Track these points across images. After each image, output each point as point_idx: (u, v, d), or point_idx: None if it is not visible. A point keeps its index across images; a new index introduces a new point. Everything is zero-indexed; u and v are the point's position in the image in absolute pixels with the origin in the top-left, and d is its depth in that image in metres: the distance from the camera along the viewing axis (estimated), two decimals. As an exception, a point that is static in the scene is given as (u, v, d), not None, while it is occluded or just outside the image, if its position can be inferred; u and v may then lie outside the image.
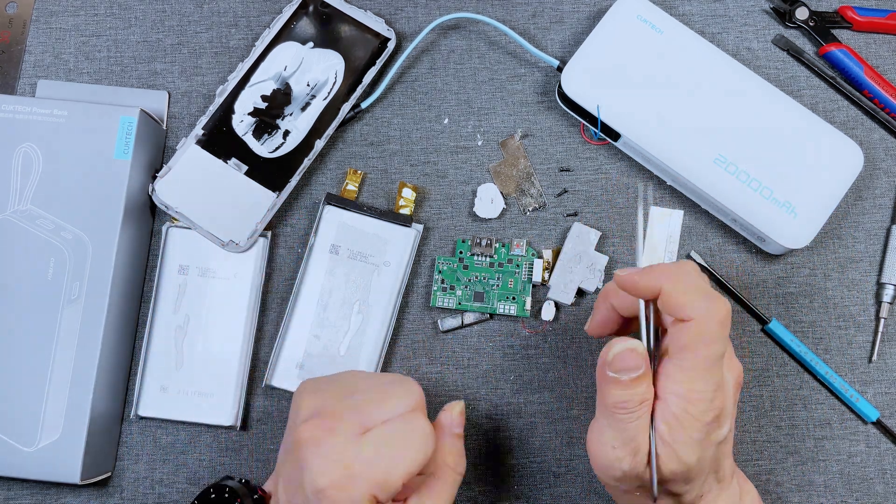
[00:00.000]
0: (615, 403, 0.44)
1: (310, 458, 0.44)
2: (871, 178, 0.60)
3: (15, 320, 0.54)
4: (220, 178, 0.58)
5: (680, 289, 0.43)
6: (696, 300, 0.43)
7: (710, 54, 0.58)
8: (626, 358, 0.43)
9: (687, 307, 0.43)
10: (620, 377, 0.43)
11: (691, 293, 0.43)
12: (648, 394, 0.43)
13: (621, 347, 0.44)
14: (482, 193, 0.59)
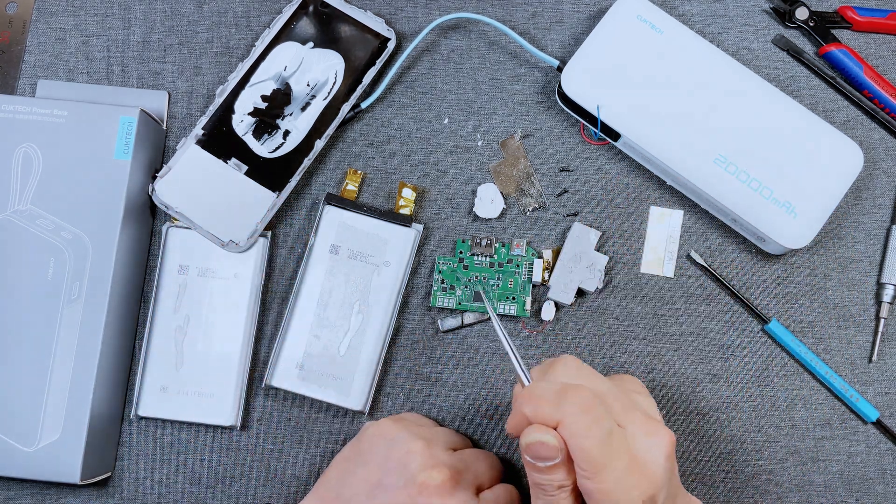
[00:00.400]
0: (534, 483, 0.44)
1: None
2: (871, 178, 0.60)
3: (15, 320, 0.54)
4: (220, 178, 0.58)
5: (535, 404, 0.42)
6: (551, 406, 0.41)
7: (710, 54, 0.58)
8: (537, 449, 0.42)
9: (547, 415, 0.41)
10: (536, 463, 0.43)
11: (545, 401, 0.42)
12: (567, 481, 0.42)
13: (533, 438, 0.42)
14: (482, 193, 0.59)
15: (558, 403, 0.41)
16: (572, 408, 0.41)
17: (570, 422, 0.41)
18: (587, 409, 0.41)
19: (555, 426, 0.42)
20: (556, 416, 0.41)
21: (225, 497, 0.57)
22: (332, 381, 0.56)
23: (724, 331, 0.59)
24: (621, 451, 0.41)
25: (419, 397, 0.58)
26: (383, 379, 0.58)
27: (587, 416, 0.41)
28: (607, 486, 0.41)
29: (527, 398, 0.42)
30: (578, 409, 0.41)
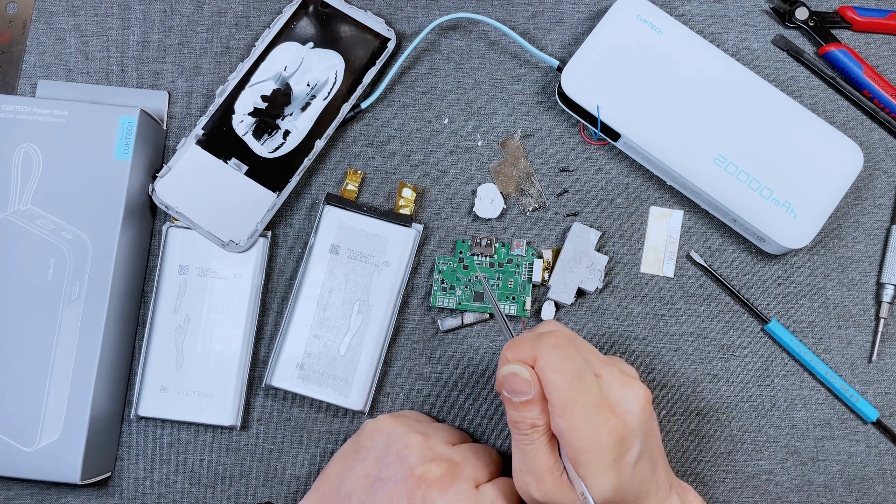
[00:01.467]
0: (511, 421, 0.46)
1: (437, 499, 0.47)
2: (871, 178, 0.60)
3: (15, 320, 0.54)
4: (220, 178, 0.58)
5: (553, 384, 0.44)
6: (557, 393, 0.43)
7: (710, 54, 0.58)
8: (511, 381, 0.45)
9: (551, 400, 0.44)
10: (512, 398, 0.45)
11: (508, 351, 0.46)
12: (540, 420, 0.44)
13: (507, 370, 0.45)
14: (482, 193, 0.59)
15: (535, 343, 0.45)
16: (546, 345, 0.44)
17: (542, 357, 0.44)
18: (559, 346, 0.44)
19: (532, 364, 0.45)
20: (532, 353, 0.44)
21: (225, 497, 0.57)
22: (332, 381, 0.56)
23: (724, 331, 0.59)
24: (592, 390, 0.43)
25: (419, 397, 0.58)
26: (383, 379, 0.58)
27: (559, 352, 0.44)
28: (576, 422, 0.42)
29: (508, 344, 0.46)
30: (552, 346, 0.44)
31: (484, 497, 0.48)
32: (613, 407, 0.44)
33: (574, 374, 0.43)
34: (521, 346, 0.45)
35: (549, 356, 0.44)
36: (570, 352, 0.44)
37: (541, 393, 0.44)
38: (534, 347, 0.45)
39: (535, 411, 0.44)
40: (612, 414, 0.43)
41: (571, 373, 0.43)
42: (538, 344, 0.45)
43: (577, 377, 0.43)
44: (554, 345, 0.44)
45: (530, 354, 0.45)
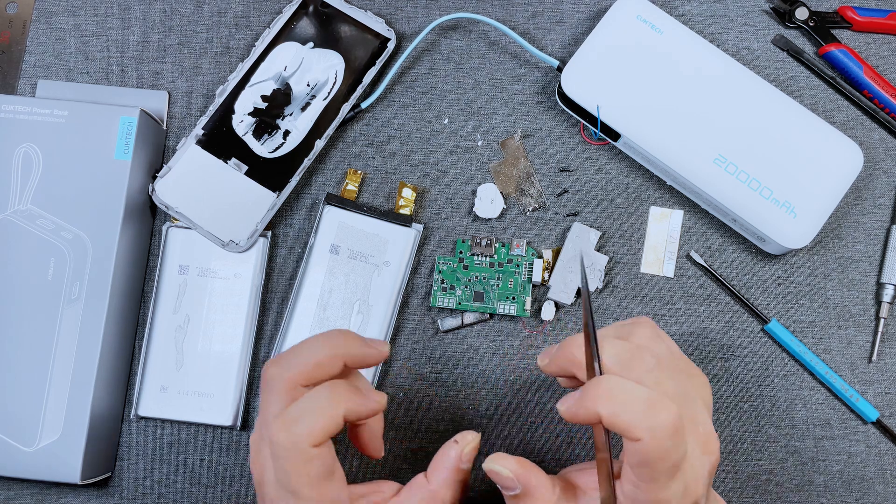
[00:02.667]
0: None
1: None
2: (871, 178, 0.60)
3: (15, 320, 0.54)
4: (220, 178, 0.58)
5: (617, 411, 0.39)
6: (636, 419, 0.38)
7: (710, 54, 0.58)
8: (494, 477, 0.43)
9: (630, 430, 0.38)
10: (503, 491, 0.44)
11: (631, 412, 0.39)
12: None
13: (488, 466, 0.43)
14: (482, 193, 0.59)
15: (643, 419, 0.38)
16: (660, 431, 0.38)
17: (651, 443, 0.39)
18: (672, 435, 0.39)
19: (598, 422, 0.39)
20: (637, 434, 0.38)
21: (225, 497, 0.57)
22: (332, 381, 0.56)
23: (724, 331, 0.59)
24: (682, 479, 0.40)
25: (419, 397, 0.58)
26: (383, 379, 0.58)
27: (669, 442, 0.39)
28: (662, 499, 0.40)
29: (606, 396, 0.39)
30: (665, 433, 0.38)
31: None
32: (692, 483, 0.41)
33: (676, 465, 0.40)
34: (625, 415, 0.39)
35: (621, 395, 0.39)
36: (680, 440, 0.39)
37: (531, 488, 0.42)
38: (641, 428, 0.38)
39: (528, 502, 0.43)
40: (687, 493, 0.41)
41: (675, 463, 0.39)
42: (648, 425, 0.38)
43: (676, 470, 0.40)
44: (668, 433, 0.39)
45: (635, 434, 0.39)
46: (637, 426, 0.38)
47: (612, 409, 0.39)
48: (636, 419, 0.38)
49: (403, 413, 0.58)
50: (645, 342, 0.43)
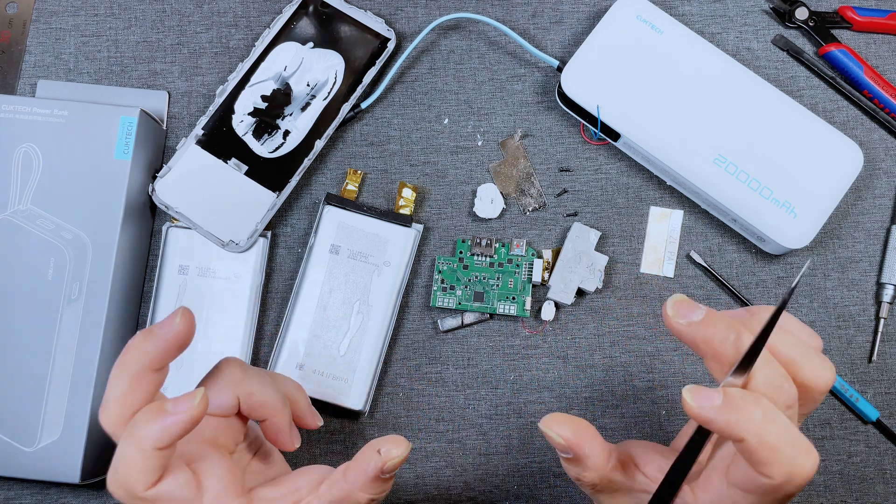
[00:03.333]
0: (564, 468, 0.44)
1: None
2: (871, 178, 0.60)
3: (15, 320, 0.54)
4: (220, 178, 0.58)
5: (767, 444, 0.35)
6: (781, 461, 0.35)
7: (709, 54, 0.58)
8: (549, 440, 0.42)
9: (769, 467, 0.36)
10: (559, 452, 0.42)
11: (778, 451, 0.35)
12: (586, 477, 0.42)
13: (543, 429, 0.42)
14: (482, 193, 0.59)
15: (787, 464, 0.36)
16: (798, 479, 0.36)
17: (781, 485, 0.36)
18: (804, 483, 0.37)
19: (735, 440, 0.36)
20: (774, 474, 0.36)
21: (225, 497, 0.57)
22: (332, 381, 0.56)
23: (724, 331, 0.59)
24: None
25: (419, 397, 0.58)
26: (383, 379, 0.58)
27: (797, 490, 0.37)
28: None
29: (760, 425, 0.35)
30: (800, 482, 0.36)
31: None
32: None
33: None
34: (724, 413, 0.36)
35: (775, 428, 0.36)
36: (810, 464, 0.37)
37: (582, 455, 0.41)
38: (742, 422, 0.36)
39: (578, 469, 0.42)
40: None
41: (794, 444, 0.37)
42: (748, 415, 0.36)
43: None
44: (775, 415, 0.36)
45: (736, 431, 0.36)
46: (779, 468, 0.36)
47: (762, 440, 0.35)
48: (781, 460, 0.36)
49: (403, 413, 0.58)
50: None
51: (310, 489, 0.43)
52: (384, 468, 0.41)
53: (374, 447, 0.42)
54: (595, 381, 0.58)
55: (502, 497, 0.57)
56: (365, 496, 0.42)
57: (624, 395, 0.58)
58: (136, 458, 0.39)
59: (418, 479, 0.57)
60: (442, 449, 0.58)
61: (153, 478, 0.40)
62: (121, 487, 0.40)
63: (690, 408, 0.37)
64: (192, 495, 0.41)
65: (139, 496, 0.40)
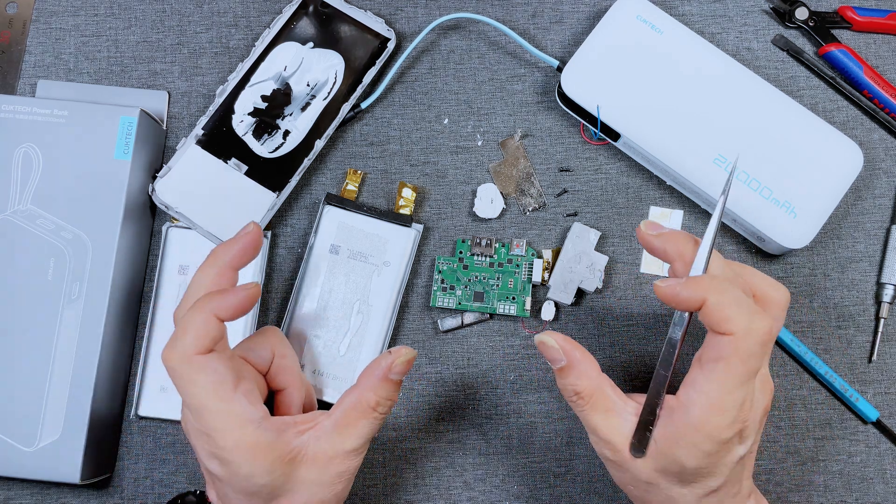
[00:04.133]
0: (560, 389, 0.47)
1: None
2: (871, 178, 0.60)
3: (15, 320, 0.54)
4: (220, 178, 0.58)
5: (724, 302, 0.42)
6: (739, 315, 0.42)
7: (709, 54, 0.58)
8: (542, 350, 0.47)
9: (729, 322, 0.42)
10: (551, 365, 0.47)
11: (735, 307, 0.42)
12: (580, 386, 0.45)
13: (536, 340, 0.47)
14: (482, 193, 0.59)
15: (744, 318, 0.42)
16: (755, 335, 0.42)
17: (742, 340, 0.42)
18: (762, 343, 0.42)
19: (699, 307, 0.43)
20: (733, 328, 0.42)
21: (225, 497, 0.57)
22: (332, 381, 0.56)
23: (724, 331, 0.59)
24: (746, 391, 0.43)
25: (419, 397, 0.58)
26: (383, 379, 0.58)
27: (757, 347, 0.42)
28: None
29: (717, 288, 0.43)
30: (758, 337, 0.42)
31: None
32: (748, 401, 0.44)
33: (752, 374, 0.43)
34: (686, 286, 0.44)
35: (731, 292, 0.43)
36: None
37: (574, 360, 0.46)
38: (701, 288, 0.43)
39: (572, 378, 0.46)
40: (746, 407, 0.43)
41: (749, 306, 0.43)
42: (707, 283, 0.43)
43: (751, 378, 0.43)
44: (729, 282, 0.44)
45: (698, 295, 0.43)
46: (737, 321, 0.41)
47: (720, 299, 0.42)
48: (738, 315, 0.42)
49: (404, 413, 0.58)
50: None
51: (322, 415, 0.47)
52: (393, 367, 0.47)
53: (382, 354, 0.48)
54: (595, 381, 0.58)
55: (502, 497, 0.57)
56: (373, 396, 0.46)
57: (624, 395, 0.58)
58: (196, 322, 0.44)
59: (418, 479, 0.57)
60: (442, 449, 0.58)
61: (207, 343, 0.44)
62: (175, 349, 0.44)
63: (661, 288, 0.44)
64: (234, 379, 0.44)
65: (191, 358, 0.44)
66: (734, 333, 0.42)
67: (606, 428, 0.45)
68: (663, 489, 0.45)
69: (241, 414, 0.44)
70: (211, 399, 0.43)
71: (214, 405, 0.43)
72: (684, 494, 0.45)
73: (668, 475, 0.44)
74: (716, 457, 0.43)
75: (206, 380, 0.43)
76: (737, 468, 0.44)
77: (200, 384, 0.43)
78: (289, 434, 0.45)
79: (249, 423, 0.44)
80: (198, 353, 0.44)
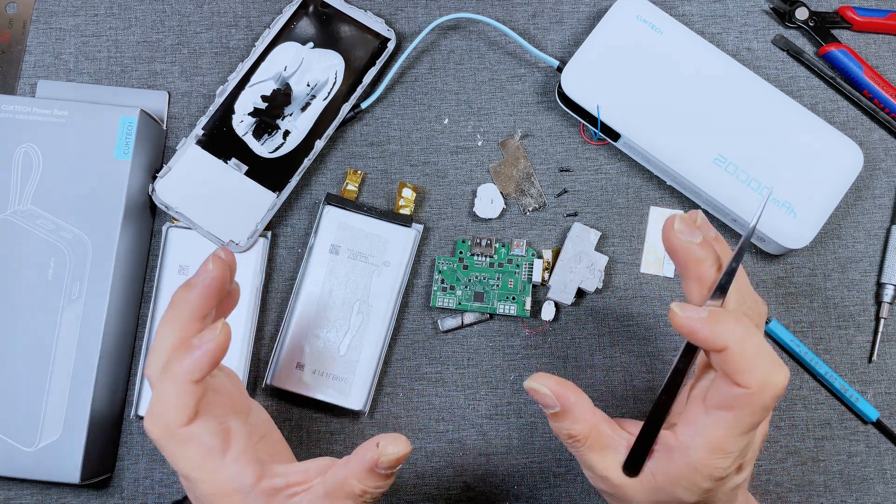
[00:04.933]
0: (553, 430, 0.45)
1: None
2: (871, 178, 0.60)
3: (15, 320, 0.54)
4: (220, 178, 0.58)
5: (747, 352, 0.39)
6: (759, 368, 0.39)
7: (710, 54, 0.58)
8: (534, 395, 0.44)
9: (748, 375, 0.39)
10: (544, 409, 0.44)
11: (757, 359, 0.39)
12: (575, 430, 0.44)
13: (527, 385, 0.44)
14: (482, 193, 0.59)
15: (763, 372, 0.39)
16: (772, 389, 0.40)
17: (757, 395, 0.39)
18: (777, 397, 0.40)
19: (717, 350, 0.40)
20: (750, 382, 0.39)
21: (225, 497, 0.57)
22: (332, 381, 0.56)
23: (724, 331, 0.59)
24: (750, 440, 0.42)
25: (419, 397, 0.58)
26: (383, 379, 0.58)
27: (771, 402, 0.40)
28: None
29: (741, 335, 0.39)
30: (774, 392, 0.40)
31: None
32: (751, 442, 0.42)
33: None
34: (708, 325, 0.40)
35: (754, 340, 0.40)
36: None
37: (569, 405, 0.43)
38: (724, 332, 0.40)
39: (567, 423, 0.44)
40: (748, 447, 0.42)
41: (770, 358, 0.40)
42: (730, 327, 0.40)
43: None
44: (752, 330, 0.40)
45: (719, 340, 0.40)
46: (756, 374, 0.39)
47: (743, 349, 0.39)
48: (759, 368, 0.39)
49: (403, 413, 0.58)
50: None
51: (318, 472, 0.45)
52: (379, 462, 0.43)
53: (375, 440, 0.43)
54: (595, 381, 0.58)
55: (502, 497, 0.57)
56: (359, 486, 0.43)
57: (624, 395, 0.58)
58: (171, 393, 0.42)
59: (418, 479, 0.57)
60: (442, 449, 0.58)
61: (188, 414, 0.42)
62: (157, 424, 0.42)
63: (678, 318, 0.41)
64: (221, 445, 0.43)
65: (174, 432, 0.42)
66: (749, 388, 0.39)
67: (602, 464, 0.44)
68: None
69: (230, 482, 0.43)
70: (199, 472, 0.43)
71: (204, 476, 0.43)
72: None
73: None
74: (713, 491, 0.42)
75: (193, 453, 0.42)
76: (731, 493, 0.44)
77: (188, 457, 0.42)
78: (278, 499, 0.43)
79: (237, 493, 0.43)
80: (181, 425, 0.42)
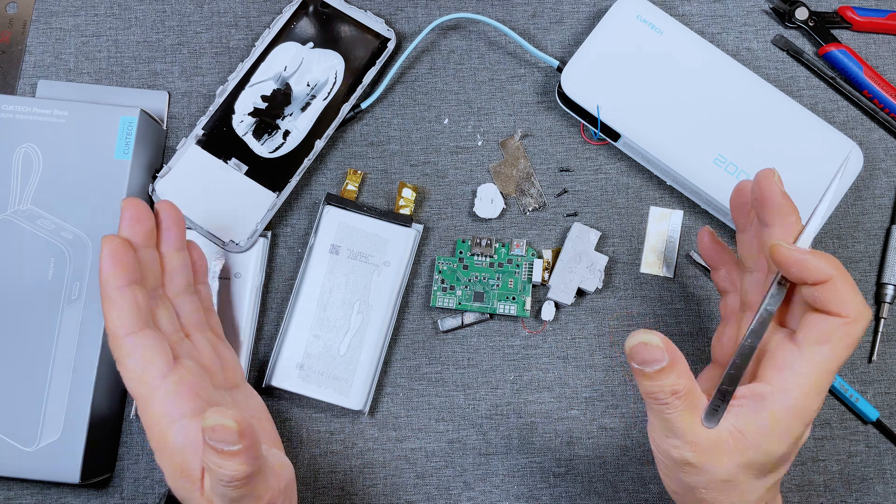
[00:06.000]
0: (646, 393, 0.42)
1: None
2: (871, 178, 0.60)
3: (15, 320, 0.54)
4: (220, 178, 0.58)
5: (848, 283, 0.42)
6: (857, 299, 0.42)
7: (710, 54, 0.58)
8: (641, 352, 0.41)
9: (848, 304, 0.42)
10: (644, 369, 0.41)
11: (854, 291, 0.42)
12: (680, 385, 0.41)
13: (635, 341, 0.41)
14: (482, 193, 0.59)
15: (862, 304, 0.42)
16: (865, 321, 0.42)
17: (855, 323, 0.42)
18: (864, 330, 0.42)
19: (821, 281, 0.42)
20: (850, 311, 0.42)
21: (225, 497, 0.57)
22: (332, 381, 0.56)
23: (724, 331, 0.59)
24: (831, 376, 0.43)
25: (419, 397, 0.58)
26: (383, 379, 0.58)
27: (861, 334, 0.42)
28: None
29: (843, 270, 0.42)
30: (865, 325, 0.42)
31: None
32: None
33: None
34: (817, 256, 0.43)
35: (849, 276, 0.43)
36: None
37: (676, 358, 0.42)
38: (831, 262, 0.43)
39: (672, 377, 0.41)
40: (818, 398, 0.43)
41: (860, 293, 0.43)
42: (833, 260, 0.43)
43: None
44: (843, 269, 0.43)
45: (827, 269, 0.42)
46: (854, 304, 0.42)
47: (846, 279, 0.42)
48: (856, 298, 0.42)
49: (403, 413, 0.58)
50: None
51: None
52: (203, 432, 0.40)
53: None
54: (595, 381, 0.58)
55: (502, 497, 0.57)
56: (204, 461, 0.41)
57: (624, 395, 0.58)
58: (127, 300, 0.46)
59: (418, 479, 0.57)
60: (442, 449, 0.58)
61: (136, 322, 0.46)
62: (108, 332, 0.46)
63: (785, 251, 0.43)
64: (164, 364, 0.46)
65: (120, 341, 0.46)
66: (849, 316, 0.41)
67: (693, 429, 0.42)
68: (740, 485, 0.42)
69: (163, 404, 0.45)
70: (139, 385, 0.46)
71: (143, 391, 0.46)
72: (757, 488, 0.43)
73: (752, 469, 0.42)
74: (798, 441, 0.42)
75: (134, 363, 0.46)
76: (771, 490, 0.43)
77: (129, 367, 0.46)
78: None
79: (165, 416, 0.45)
80: (128, 334, 0.46)
